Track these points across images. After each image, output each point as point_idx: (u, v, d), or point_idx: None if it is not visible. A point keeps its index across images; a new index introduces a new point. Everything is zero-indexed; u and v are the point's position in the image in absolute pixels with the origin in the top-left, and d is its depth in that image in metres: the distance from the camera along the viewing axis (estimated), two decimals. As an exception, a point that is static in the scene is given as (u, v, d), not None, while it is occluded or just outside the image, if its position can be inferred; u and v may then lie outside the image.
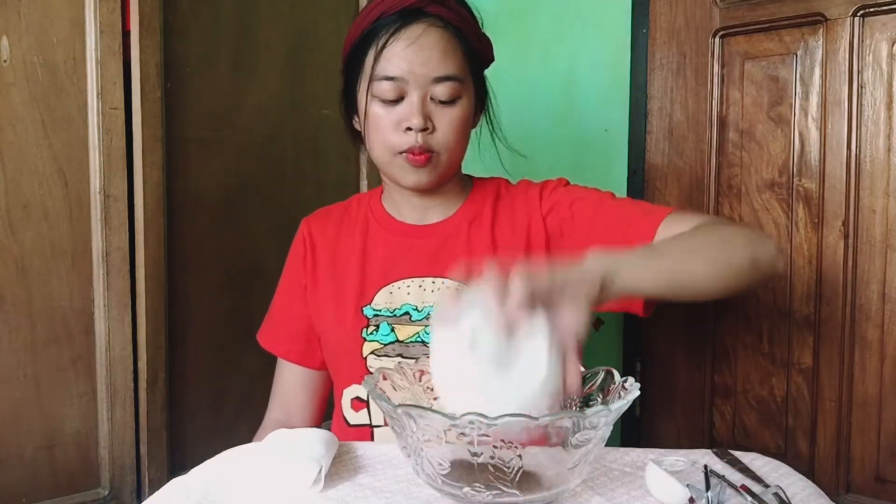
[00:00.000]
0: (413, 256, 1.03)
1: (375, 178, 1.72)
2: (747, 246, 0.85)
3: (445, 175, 1.02)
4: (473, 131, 1.06)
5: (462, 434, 0.60)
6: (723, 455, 0.80)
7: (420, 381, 0.79)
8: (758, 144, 1.36)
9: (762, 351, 1.37)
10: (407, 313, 1.00)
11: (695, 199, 1.44)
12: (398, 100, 0.95)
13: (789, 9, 1.30)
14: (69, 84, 1.19)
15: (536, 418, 0.59)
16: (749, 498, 0.66)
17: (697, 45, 1.42)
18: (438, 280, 1.01)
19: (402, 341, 0.99)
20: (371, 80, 0.95)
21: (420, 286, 1.01)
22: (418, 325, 0.99)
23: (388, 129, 0.96)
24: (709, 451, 0.82)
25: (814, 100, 1.29)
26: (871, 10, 1.21)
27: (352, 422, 1.01)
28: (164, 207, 1.31)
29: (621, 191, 1.54)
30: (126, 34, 1.24)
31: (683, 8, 1.44)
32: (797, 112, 1.31)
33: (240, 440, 0.79)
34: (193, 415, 1.40)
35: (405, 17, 0.94)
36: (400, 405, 0.62)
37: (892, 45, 1.21)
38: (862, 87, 1.24)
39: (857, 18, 1.23)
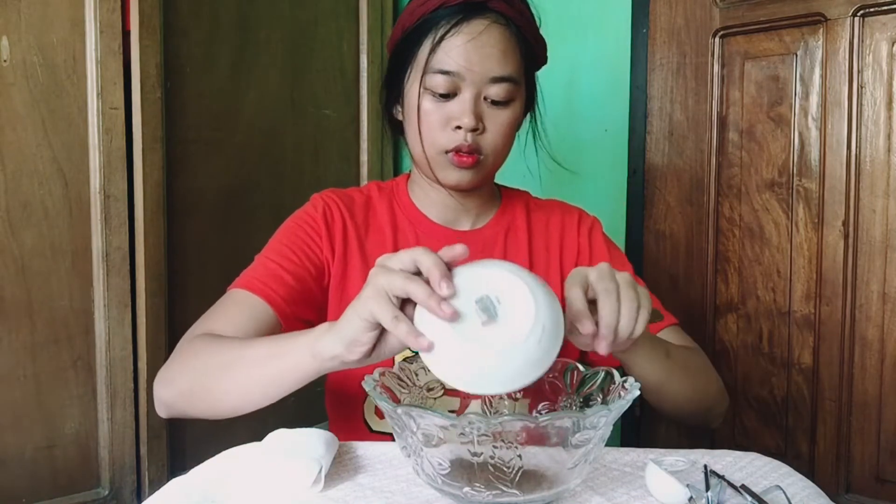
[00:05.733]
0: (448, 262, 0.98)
1: (375, 179, 1.72)
2: (718, 393, 0.96)
3: (487, 178, 0.98)
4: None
5: (462, 434, 0.59)
6: None
7: (417, 381, 0.79)
8: (758, 144, 1.36)
9: (762, 351, 1.37)
10: None
11: (695, 199, 1.44)
12: (450, 95, 0.90)
13: (789, 9, 1.30)
14: (69, 84, 1.19)
15: (536, 418, 0.59)
16: (749, 498, 0.66)
17: (697, 45, 1.42)
18: None
19: None
20: (425, 72, 0.90)
21: None
22: None
23: (436, 125, 0.91)
24: (708, 451, 0.82)
25: (814, 100, 1.29)
26: (871, 10, 1.21)
27: (374, 428, 0.97)
28: (164, 207, 1.31)
29: (621, 191, 1.54)
30: (126, 34, 1.24)
31: (683, 8, 1.44)
32: (797, 112, 1.31)
33: (240, 440, 0.79)
34: (193, 415, 1.40)
35: (467, 11, 0.89)
36: (400, 405, 0.62)
37: (892, 45, 1.21)
38: (862, 87, 1.24)
39: (857, 18, 1.23)
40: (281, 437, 0.76)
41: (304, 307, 0.94)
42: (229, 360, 0.79)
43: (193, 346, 0.85)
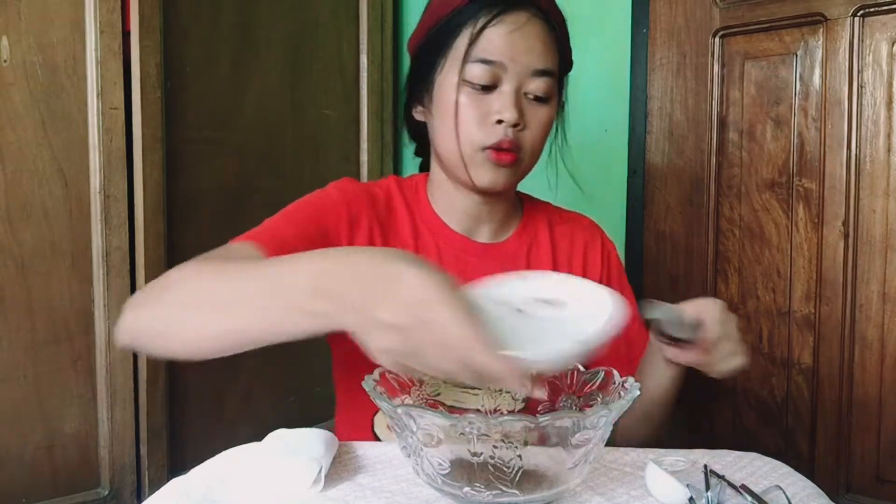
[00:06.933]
0: (468, 275, 0.91)
1: (375, 179, 1.72)
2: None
3: (518, 181, 0.94)
4: None
5: (462, 434, 0.60)
6: None
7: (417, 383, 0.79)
8: (758, 144, 1.36)
9: (762, 351, 1.37)
10: None
11: (695, 199, 1.44)
12: (488, 88, 0.86)
13: (789, 9, 1.30)
14: (69, 84, 1.19)
15: (536, 418, 0.59)
16: (749, 498, 0.66)
17: (697, 45, 1.42)
18: None
19: None
20: (464, 62, 0.85)
21: None
22: None
23: (473, 119, 0.86)
24: (708, 451, 0.82)
25: (814, 100, 1.29)
26: (871, 10, 1.21)
27: (383, 439, 0.93)
28: (164, 207, 1.31)
29: (621, 191, 1.54)
30: (126, 34, 1.24)
31: (683, 8, 1.44)
32: (797, 112, 1.31)
33: (240, 440, 0.78)
34: (193, 415, 1.40)
35: (508, 2, 0.86)
36: (400, 405, 0.62)
37: (892, 45, 1.21)
38: (862, 87, 1.24)
39: (857, 18, 1.23)
40: (281, 437, 0.76)
41: None
42: (201, 295, 0.67)
43: (178, 272, 0.71)
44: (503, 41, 0.85)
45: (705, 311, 0.78)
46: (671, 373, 0.88)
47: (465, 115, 0.86)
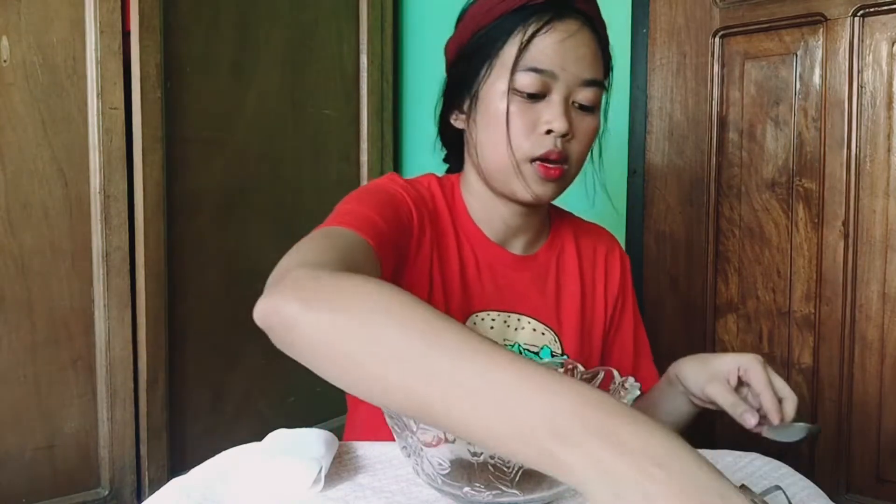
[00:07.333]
0: (503, 287, 0.93)
1: (375, 179, 1.72)
2: None
3: (562, 193, 0.92)
4: None
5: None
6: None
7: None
8: (758, 144, 1.36)
9: (762, 351, 1.37)
10: None
11: (695, 199, 1.44)
12: (537, 97, 0.84)
13: (789, 9, 1.30)
14: (69, 84, 1.19)
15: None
16: (749, 498, 0.66)
17: (697, 45, 1.42)
18: (525, 318, 0.93)
19: None
20: (513, 71, 0.83)
21: (505, 322, 0.92)
22: None
23: (521, 129, 0.84)
24: (708, 451, 0.82)
25: (814, 100, 1.29)
26: (871, 10, 1.21)
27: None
28: (164, 207, 1.31)
29: (621, 191, 1.54)
30: (126, 34, 1.24)
31: (683, 8, 1.44)
32: (797, 112, 1.31)
33: (240, 440, 0.78)
34: (193, 415, 1.40)
35: (557, 9, 0.84)
36: (400, 405, 0.61)
37: (892, 45, 1.21)
38: (862, 87, 1.24)
39: (857, 18, 1.23)
40: (281, 437, 0.76)
41: (387, 270, 0.79)
42: (405, 349, 0.49)
43: (365, 282, 0.56)
44: (554, 50, 0.83)
45: (751, 375, 0.83)
46: (694, 410, 0.92)
47: (514, 125, 0.84)
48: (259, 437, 0.76)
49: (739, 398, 0.83)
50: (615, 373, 0.74)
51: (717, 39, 1.40)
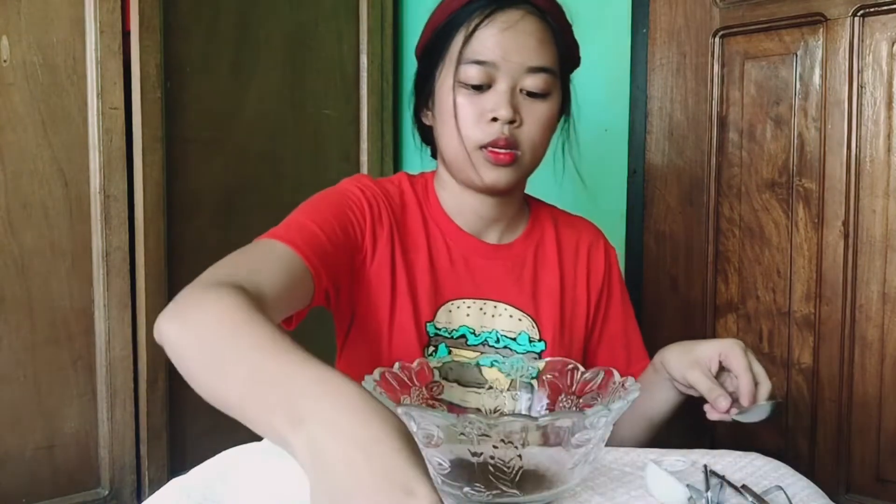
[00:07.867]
0: (478, 276, 0.95)
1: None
2: None
3: (523, 178, 0.94)
4: None
5: (462, 434, 0.60)
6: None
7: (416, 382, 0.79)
8: (758, 144, 1.36)
9: (762, 351, 1.37)
10: (463, 336, 0.92)
11: (695, 199, 1.44)
12: (484, 88, 0.87)
13: (789, 9, 1.30)
14: (69, 84, 1.19)
15: (536, 418, 0.59)
16: (749, 498, 0.66)
17: (697, 45, 1.42)
18: (501, 305, 0.95)
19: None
20: (458, 64, 0.87)
21: (481, 309, 0.94)
22: (473, 351, 0.91)
23: (469, 119, 0.87)
24: (708, 451, 0.82)
25: (814, 100, 1.29)
26: (871, 10, 1.21)
27: None
28: (164, 207, 1.31)
29: (621, 191, 1.54)
30: (126, 34, 1.24)
31: (683, 8, 1.44)
32: (797, 112, 1.31)
33: (240, 440, 0.78)
34: (193, 415, 1.40)
35: (500, 1, 0.87)
36: (400, 405, 0.62)
37: (892, 45, 1.21)
38: (862, 87, 1.24)
39: (857, 18, 1.23)
40: (281, 437, 0.76)
41: (331, 279, 0.85)
42: (220, 352, 0.62)
43: (220, 299, 0.66)
44: (494, 41, 0.86)
45: (732, 360, 0.83)
46: (679, 397, 0.92)
47: (463, 115, 0.88)
48: (259, 437, 0.76)
49: (717, 383, 0.83)
50: (615, 373, 0.74)
51: (717, 39, 1.40)
